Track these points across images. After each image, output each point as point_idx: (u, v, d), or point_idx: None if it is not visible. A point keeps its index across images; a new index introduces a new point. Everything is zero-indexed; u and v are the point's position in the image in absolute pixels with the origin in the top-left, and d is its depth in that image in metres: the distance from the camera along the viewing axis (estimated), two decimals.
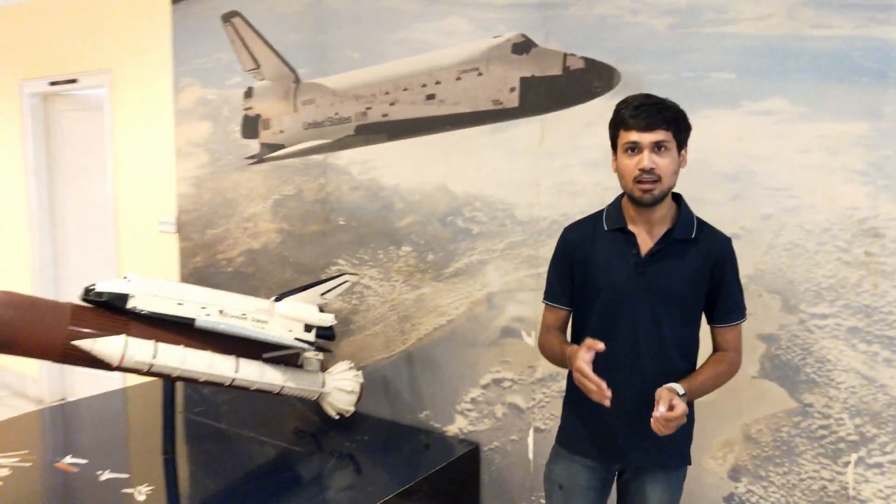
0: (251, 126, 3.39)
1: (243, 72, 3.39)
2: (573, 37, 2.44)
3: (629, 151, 1.70)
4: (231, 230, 3.53)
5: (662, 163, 1.69)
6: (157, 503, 2.24)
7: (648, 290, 1.75)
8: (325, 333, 2.75)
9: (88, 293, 2.43)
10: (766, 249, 2.15)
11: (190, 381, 2.53)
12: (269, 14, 3.26)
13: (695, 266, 1.76)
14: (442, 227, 2.80)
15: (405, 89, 2.84)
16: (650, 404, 1.63)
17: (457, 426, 2.84)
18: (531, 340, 2.62)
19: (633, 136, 1.69)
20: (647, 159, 1.67)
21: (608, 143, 2.36)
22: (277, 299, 2.73)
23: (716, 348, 1.84)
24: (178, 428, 2.89)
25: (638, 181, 1.69)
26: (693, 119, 2.21)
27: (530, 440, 2.65)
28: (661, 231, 1.78)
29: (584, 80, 2.43)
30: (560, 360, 1.83)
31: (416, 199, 2.85)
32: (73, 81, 4.24)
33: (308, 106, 3.15)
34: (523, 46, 2.55)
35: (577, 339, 1.84)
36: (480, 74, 2.65)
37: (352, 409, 2.80)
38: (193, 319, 2.51)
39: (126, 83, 3.97)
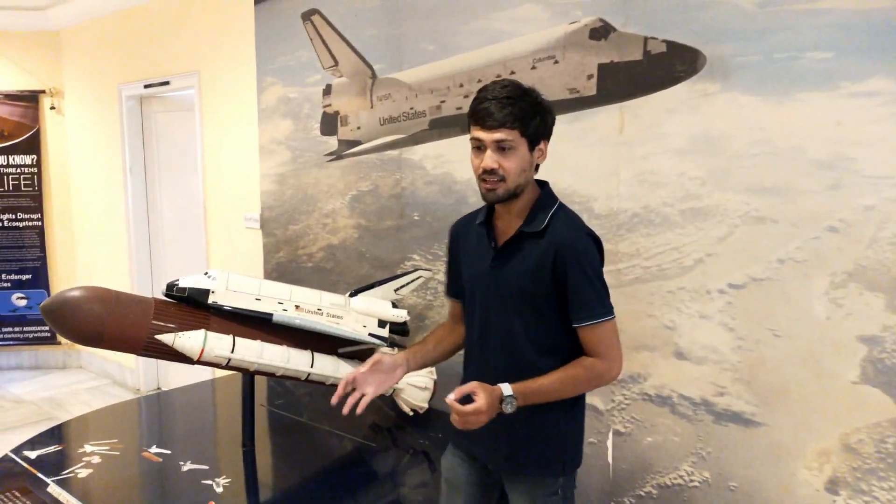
0: (330, 123, 3.42)
1: (322, 69, 3.42)
2: (654, 19, 2.31)
3: (476, 149, 1.67)
4: (311, 226, 3.58)
5: (507, 163, 1.63)
6: (234, 495, 2.29)
7: (498, 283, 1.73)
8: (399, 329, 2.74)
9: (171, 289, 2.51)
10: (868, 244, 1.96)
11: (268, 375, 2.57)
12: (347, 10, 3.27)
13: (537, 260, 1.68)
14: None
15: (479, 81, 2.77)
16: (506, 419, 1.62)
17: None
18: None
19: (477, 133, 1.64)
20: (488, 159, 1.62)
21: (693, 130, 2.25)
22: (352, 295, 2.74)
23: (583, 351, 1.72)
24: (258, 420, 2.95)
25: (482, 179, 1.66)
26: (786, 102, 2.06)
27: (609, 444, 2.55)
28: (517, 223, 1.73)
29: (666, 64, 2.29)
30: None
31: None
32: (165, 83, 4.42)
33: (384, 101, 3.15)
34: (601, 31, 2.43)
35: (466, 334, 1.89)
36: (556, 62, 2.56)
37: (425, 405, 2.77)
38: (271, 315, 2.55)
39: (213, 84, 4.09)
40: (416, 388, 2.76)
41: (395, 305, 2.75)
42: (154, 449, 2.64)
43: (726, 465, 2.27)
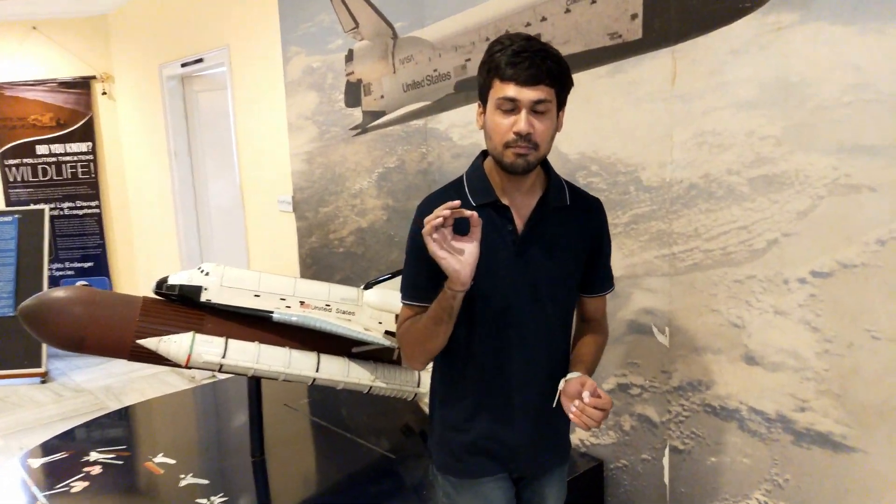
0: (353, 93, 3.08)
1: (343, 33, 3.08)
2: None
3: (504, 109, 1.32)
4: (341, 208, 3.28)
5: (541, 127, 1.33)
6: None
7: (529, 270, 1.43)
8: None
9: (161, 286, 2.26)
10: None
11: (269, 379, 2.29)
12: None
13: (576, 236, 1.48)
14: None
15: (507, 32, 2.35)
16: (547, 399, 1.43)
17: (576, 437, 2.36)
18: (665, 339, 2.08)
19: (511, 90, 1.31)
20: (524, 122, 1.31)
21: (765, 75, 1.76)
22: (366, 287, 2.41)
23: (585, 318, 1.61)
24: (281, 423, 2.72)
25: (510, 146, 1.33)
26: (890, 31, 1.55)
27: (666, 462, 2.12)
28: (532, 200, 1.45)
29: None
30: (434, 319, 1.39)
31: None
32: (199, 61, 4.21)
33: (406, 64, 2.77)
34: None
35: (457, 342, 1.45)
36: (594, 2, 2.11)
37: None
38: (271, 312, 2.26)
39: (241, 58, 3.84)
40: None
41: None
42: (159, 458, 2.43)
43: (809, 496, 1.81)
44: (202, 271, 2.27)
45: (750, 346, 1.88)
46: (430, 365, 1.58)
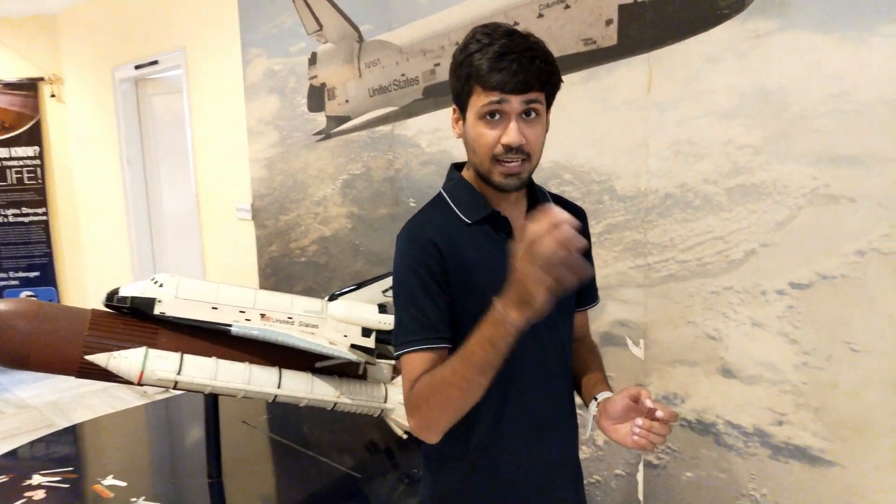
0: (317, 97, 2.99)
1: (307, 35, 2.98)
2: None
3: (488, 117, 1.16)
4: (303, 216, 3.17)
5: (533, 135, 1.17)
6: None
7: None
8: (388, 338, 2.30)
9: (111, 298, 2.13)
10: None
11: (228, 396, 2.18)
12: None
13: None
14: None
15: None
16: (572, 447, 1.34)
17: None
18: (639, 351, 2.03)
19: (496, 96, 1.14)
20: (514, 133, 1.14)
21: (743, 84, 1.73)
22: (331, 299, 2.31)
23: (573, 337, 1.39)
24: (240, 441, 2.59)
25: (499, 160, 1.17)
26: (870, 40, 1.53)
27: (640, 477, 2.08)
28: (520, 209, 1.29)
29: None
30: (478, 367, 1.07)
31: None
32: (154, 63, 4.06)
33: (372, 69, 2.69)
34: None
35: None
36: (567, 7, 2.06)
37: None
38: (230, 326, 2.15)
39: (199, 60, 3.70)
40: None
41: (383, 309, 2.32)
42: (109, 480, 2.29)
43: None
44: (156, 282, 2.15)
45: (727, 359, 1.85)
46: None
